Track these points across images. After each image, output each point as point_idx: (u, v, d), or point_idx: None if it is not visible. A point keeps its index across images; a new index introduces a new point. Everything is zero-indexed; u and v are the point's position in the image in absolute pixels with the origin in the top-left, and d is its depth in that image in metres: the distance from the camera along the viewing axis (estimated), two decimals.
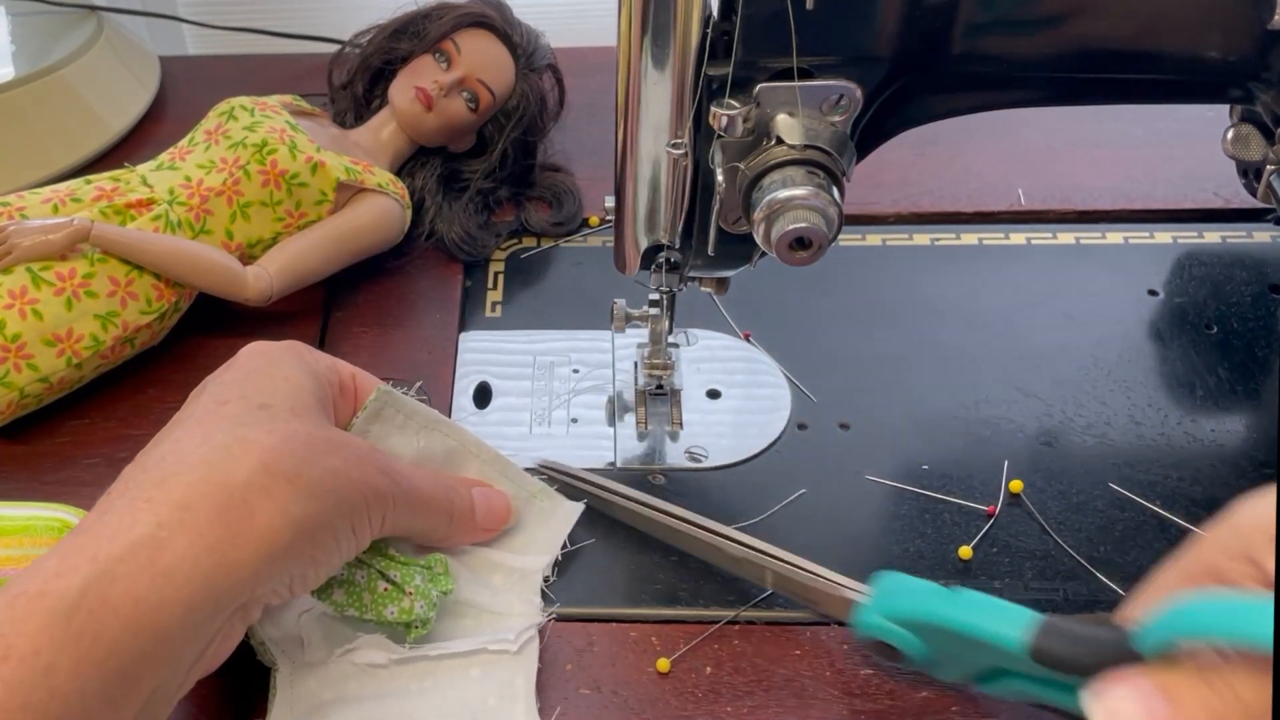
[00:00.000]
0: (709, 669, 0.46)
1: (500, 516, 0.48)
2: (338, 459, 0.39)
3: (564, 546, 0.49)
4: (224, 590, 0.35)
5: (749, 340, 0.61)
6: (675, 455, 0.55)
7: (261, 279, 0.59)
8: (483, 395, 0.59)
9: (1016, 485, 0.53)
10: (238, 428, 0.38)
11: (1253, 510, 0.33)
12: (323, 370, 0.44)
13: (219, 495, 0.36)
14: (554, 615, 0.47)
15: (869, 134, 0.44)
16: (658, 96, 0.42)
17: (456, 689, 0.44)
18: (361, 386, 0.46)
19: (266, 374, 0.41)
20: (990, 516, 0.52)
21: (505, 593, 0.48)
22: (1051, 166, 0.72)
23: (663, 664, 0.46)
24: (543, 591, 0.48)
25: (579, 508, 0.50)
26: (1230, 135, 0.49)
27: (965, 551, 0.50)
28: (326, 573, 0.40)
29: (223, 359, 0.59)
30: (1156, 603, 0.32)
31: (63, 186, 0.59)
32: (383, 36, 0.69)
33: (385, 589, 0.43)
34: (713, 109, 0.41)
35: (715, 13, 0.41)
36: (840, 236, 0.42)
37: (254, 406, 0.39)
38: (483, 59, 0.67)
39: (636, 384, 0.58)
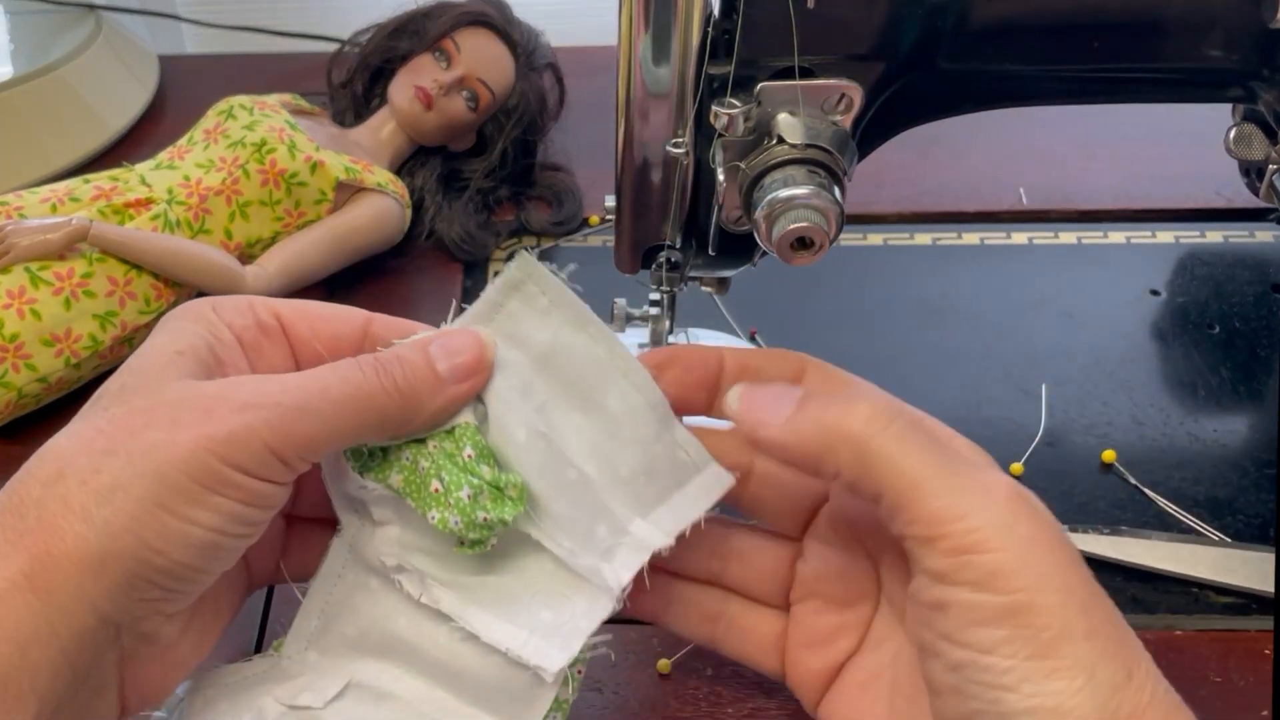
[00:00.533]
0: (710, 670, 0.46)
1: (472, 363, 0.37)
2: (152, 432, 0.33)
3: (694, 525, 0.39)
4: (56, 615, 0.31)
5: (754, 337, 0.61)
6: None
7: (260, 278, 0.59)
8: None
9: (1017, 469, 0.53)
10: (49, 441, 0.33)
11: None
12: (223, 321, 0.38)
13: (15, 521, 0.32)
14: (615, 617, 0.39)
15: (870, 133, 0.44)
16: (658, 96, 0.42)
17: (479, 663, 0.38)
18: (290, 322, 0.39)
19: (138, 351, 0.37)
20: None
21: (593, 554, 0.38)
22: (1053, 166, 0.72)
23: (663, 665, 0.46)
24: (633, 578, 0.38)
25: (728, 480, 0.39)
26: (1232, 135, 0.49)
27: None
28: (201, 555, 0.34)
29: None
30: None
31: (61, 186, 0.59)
32: (382, 35, 0.69)
33: (436, 489, 0.36)
34: (714, 108, 0.41)
35: (716, 12, 0.40)
36: (841, 236, 0.42)
37: (90, 403, 0.35)
38: (482, 58, 0.67)
39: None
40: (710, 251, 0.47)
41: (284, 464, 0.34)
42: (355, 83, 0.70)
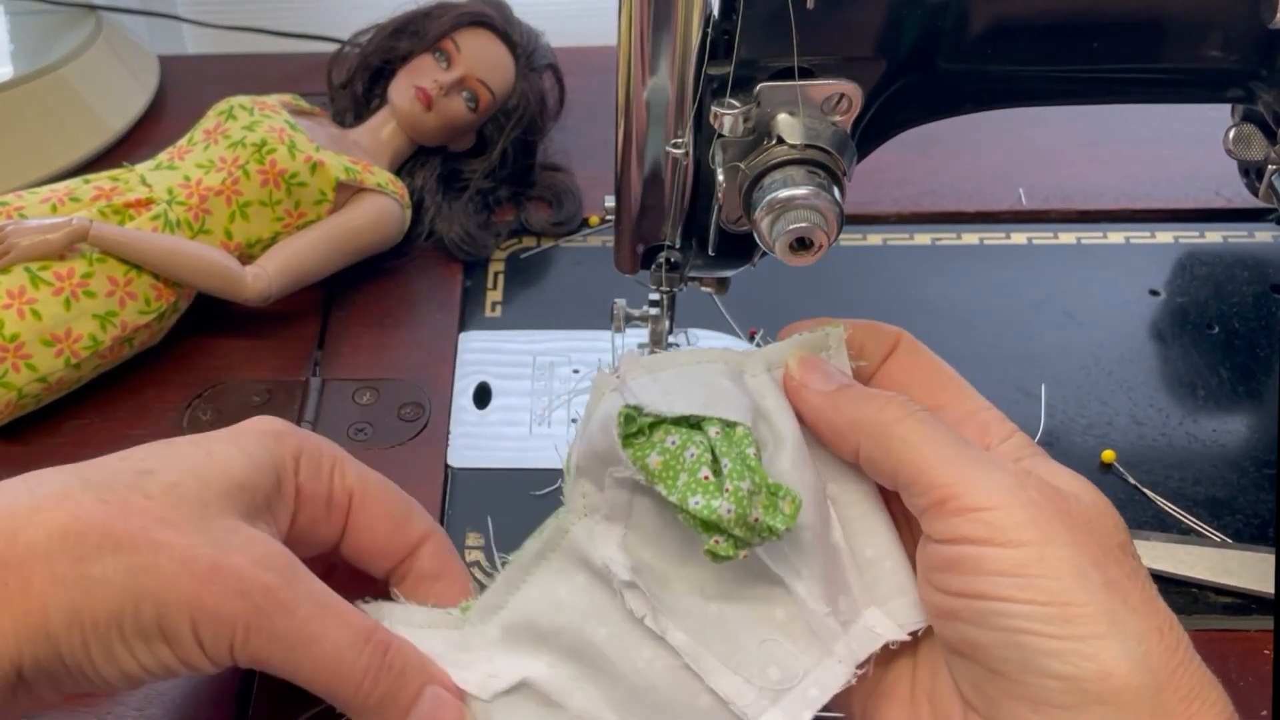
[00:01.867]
0: None
1: None
2: (165, 558, 0.33)
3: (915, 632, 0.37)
4: None
5: (754, 338, 0.61)
6: None
7: (260, 279, 0.59)
8: (482, 395, 0.59)
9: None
10: (80, 485, 0.34)
11: None
12: (297, 476, 0.38)
13: (1, 548, 0.32)
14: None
15: (870, 133, 0.44)
16: (658, 96, 0.42)
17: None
18: (358, 505, 0.39)
19: (206, 443, 0.37)
20: None
21: (834, 621, 0.36)
22: (1053, 166, 0.72)
23: None
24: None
25: (922, 623, 0.37)
26: (1232, 135, 0.49)
27: None
28: (122, 682, 0.34)
29: (222, 359, 0.59)
30: None
31: (61, 186, 0.59)
32: (382, 36, 0.69)
33: (705, 477, 0.34)
34: (713, 108, 0.41)
35: (715, 12, 0.40)
36: (841, 236, 0.42)
37: (139, 469, 0.35)
38: (482, 58, 0.67)
39: None
40: (710, 252, 0.47)
41: (231, 657, 0.34)
42: (355, 83, 0.70)
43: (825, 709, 0.36)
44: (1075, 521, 0.33)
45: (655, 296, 0.53)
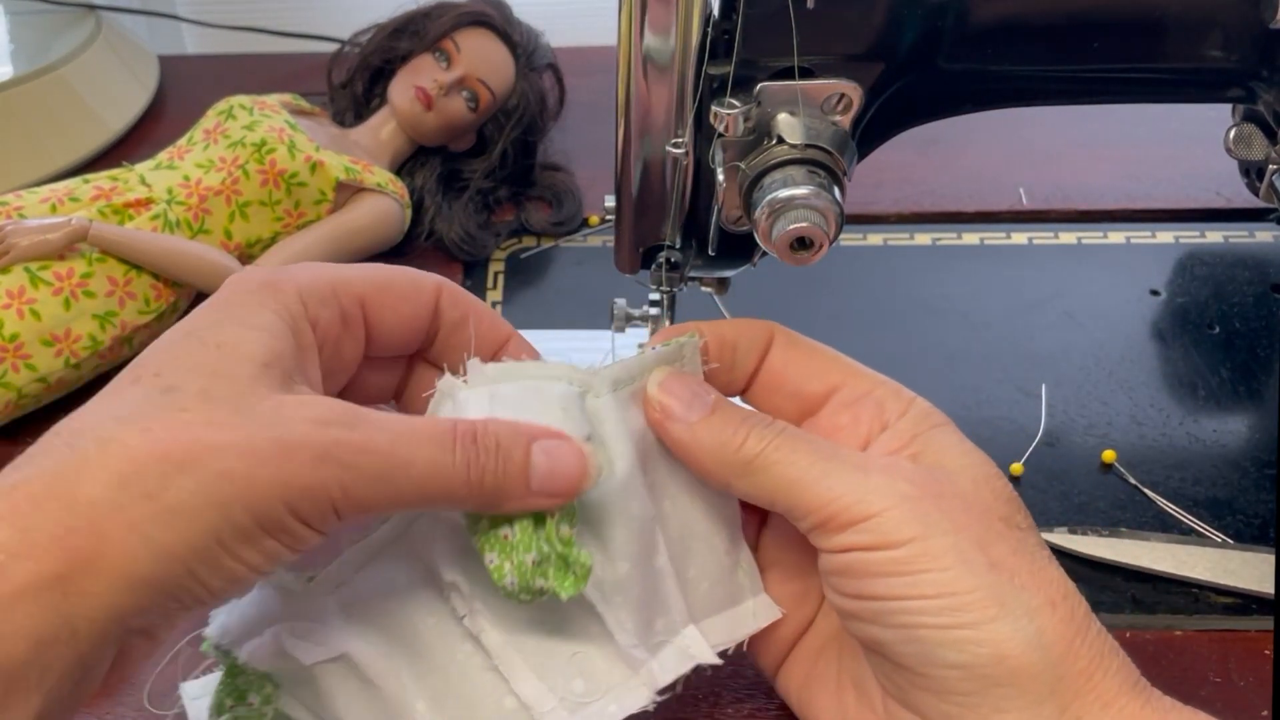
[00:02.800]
0: (709, 670, 0.46)
1: (571, 479, 0.35)
2: (233, 458, 0.31)
3: (725, 651, 0.39)
4: (80, 620, 0.30)
5: None
6: None
7: None
8: None
9: (1017, 469, 0.53)
10: (114, 424, 0.32)
11: None
12: (310, 314, 0.36)
13: (63, 515, 0.30)
14: None
15: (870, 133, 0.44)
16: (658, 96, 0.41)
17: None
18: (372, 307, 0.38)
19: (209, 334, 0.34)
20: None
21: (645, 647, 0.38)
22: (1053, 166, 0.72)
23: None
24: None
25: (776, 613, 0.40)
26: (1232, 135, 0.49)
27: None
28: (236, 588, 0.33)
29: None
30: None
31: (61, 186, 0.59)
32: (382, 35, 0.69)
33: (505, 536, 0.35)
34: (713, 108, 0.41)
35: (715, 12, 0.40)
36: (841, 236, 0.42)
37: (159, 388, 0.33)
38: (483, 58, 0.67)
39: None
40: (710, 251, 0.47)
41: (340, 519, 0.33)
42: (355, 83, 0.70)
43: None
44: (954, 504, 0.34)
45: (655, 296, 0.53)
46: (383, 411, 0.35)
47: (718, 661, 0.38)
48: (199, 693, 0.39)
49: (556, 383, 0.37)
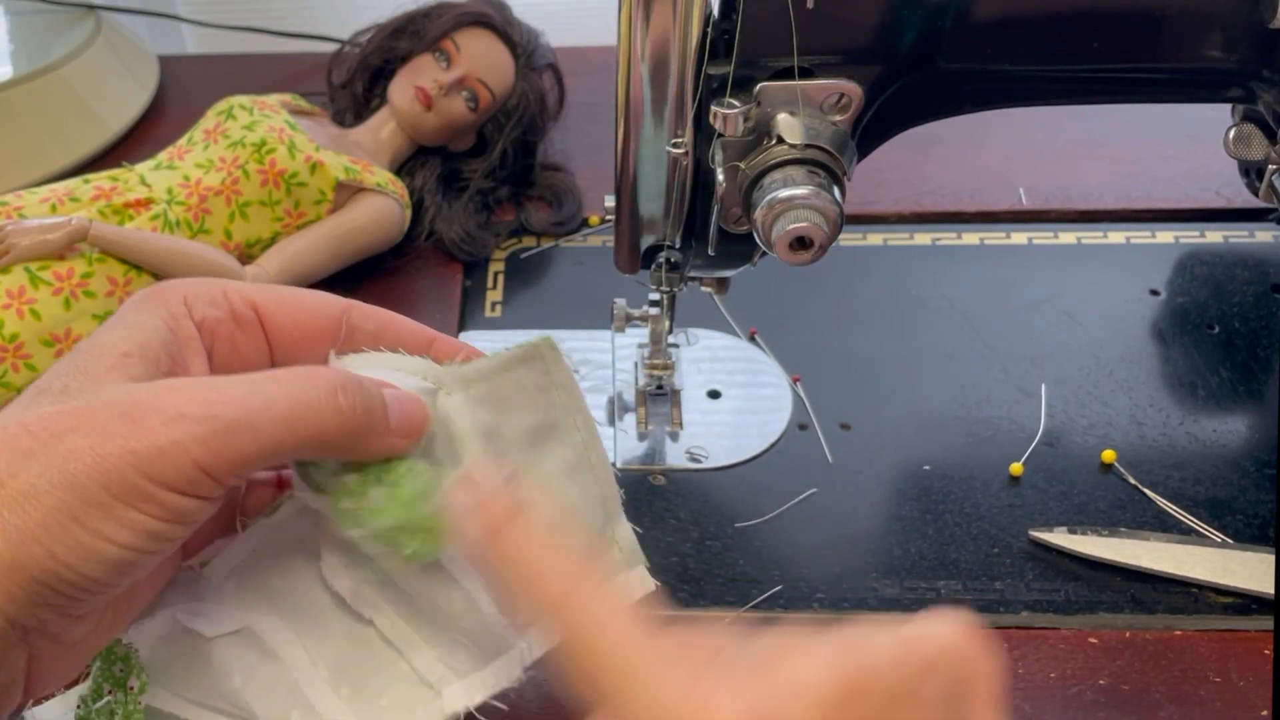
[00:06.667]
0: None
1: (416, 424, 0.36)
2: (76, 437, 0.31)
3: None
4: None
5: (754, 338, 0.61)
6: (676, 456, 0.55)
7: (260, 279, 0.59)
8: None
9: (1016, 469, 0.53)
10: None
11: None
12: (194, 313, 0.36)
13: None
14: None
15: (870, 133, 0.44)
16: (658, 96, 0.42)
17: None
18: (267, 312, 0.38)
19: (88, 342, 0.35)
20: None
21: (481, 636, 0.39)
22: (1053, 166, 0.72)
23: None
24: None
25: (650, 585, 0.42)
26: (1232, 135, 0.49)
27: None
28: (111, 571, 0.32)
29: None
30: None
31: (61, 186, 0.59)
32: (382, 35, 0.69)
33: (347, 482, 0.36)
34: (713, 108, 0.41)
35: (715, 12, 0.40)
36: (841, 236, 0.42)
37: (32, 394, 0.33)
38: (482, 58, 0.67)
39: (637, 384, 0.58)
40: (710, 251, 0.47)
41: (214, 481, 0.32)
42: (355, 83, 0.70)
43: None
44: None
45: (655, 296, 0.54)
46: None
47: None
48: (57, 713, 0.39)
49: (411, 376, 0.38)
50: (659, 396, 0.58)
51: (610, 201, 0.47)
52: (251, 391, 0.33)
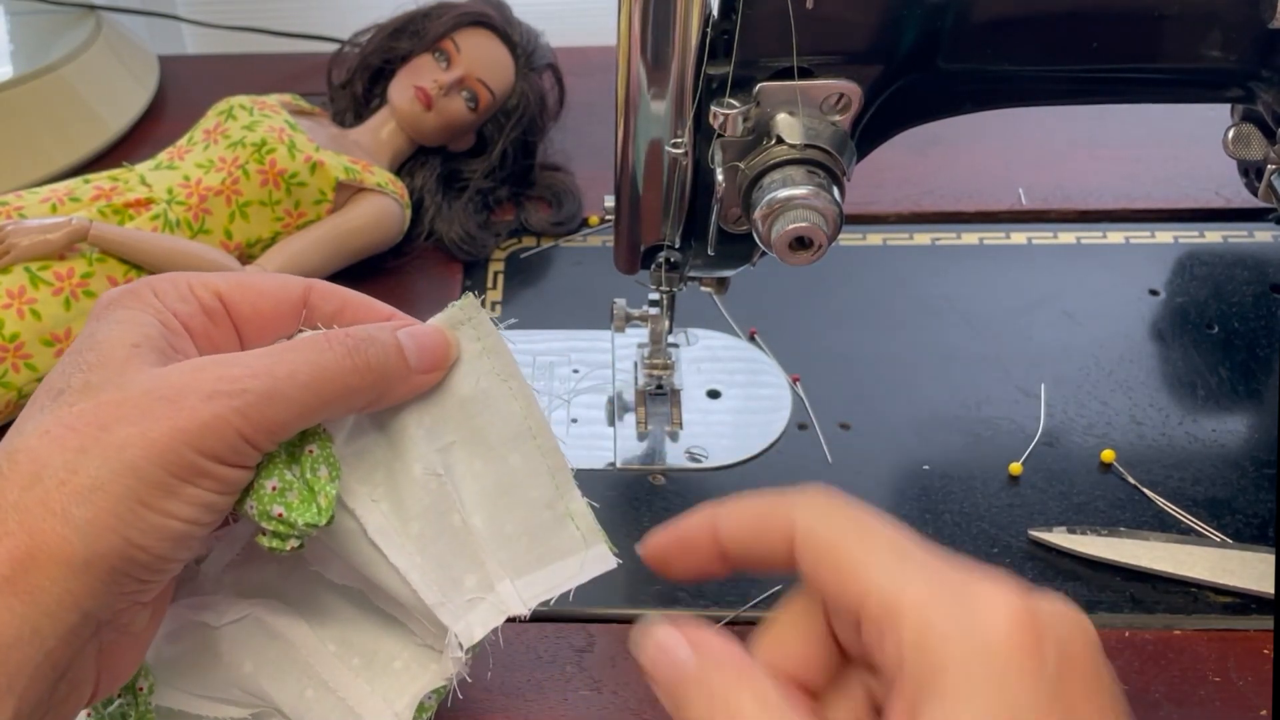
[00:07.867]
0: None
1: (439, 354, 0.38)
2: (125, 427, 0.32)
3: (560, 597, 0.40)
4: (40, 618, 0.31)
5: (754, 337, 0.61)
6: (675, 455, 0.55)
7: None
8: None
9: (1016, 469, 0.53)
10: (16, 438, 0.33)
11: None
12: (169, 305, 0.37)
13: None
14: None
15: (870, 133, 0.44)
16: (658, 96, 0.42)
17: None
18: (232, 301, 0.38)
19: (83, 342, 0.35)
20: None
21: (456, 603, 0.39)
22: (1052, 166, 0.72)
23: None
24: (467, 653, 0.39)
25: (611, 562, 0.40)
26: (1231, 135, 0.49)
27: None
28: (177, 546, 0.33)
29: None
30: None
31: (61, 186, 0.59)
32: (382, 36, 0.69)
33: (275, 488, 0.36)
34: (713, 108, 0.41)
35: (715, 12, 0.40)
36: (841, 236, 0.42)
37: (50, 396, 0.34)
38: (482, 58, 0.67)
39: (636, 384, 0.58)
40: (709, 252, 0.47)
41: (255, 449, 0.34)
42: (355, 83, 0.70)
43: None
44: None
45: (655, 296, 0.54)
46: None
47: (525, 612, 0.39)
48: None
49: None
50: (659, 396, 0.58)
51: (610, 201, 0.47)
52: (275, 364, 0.34)
